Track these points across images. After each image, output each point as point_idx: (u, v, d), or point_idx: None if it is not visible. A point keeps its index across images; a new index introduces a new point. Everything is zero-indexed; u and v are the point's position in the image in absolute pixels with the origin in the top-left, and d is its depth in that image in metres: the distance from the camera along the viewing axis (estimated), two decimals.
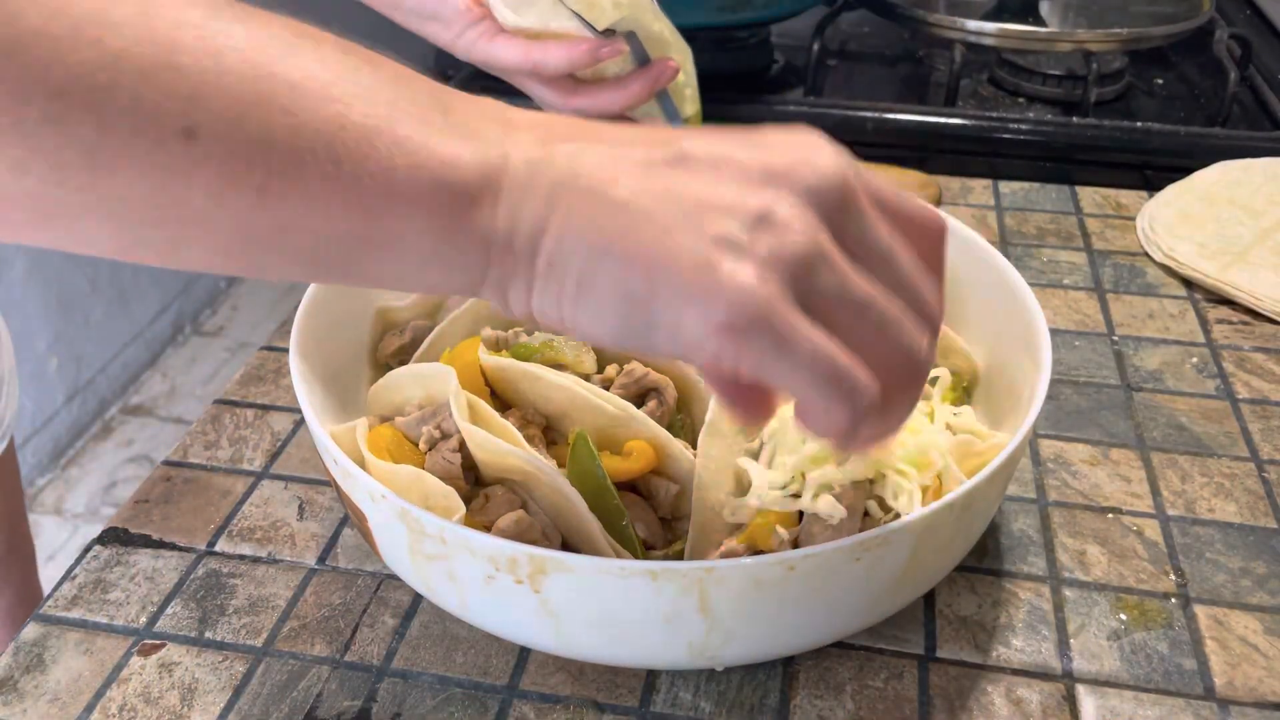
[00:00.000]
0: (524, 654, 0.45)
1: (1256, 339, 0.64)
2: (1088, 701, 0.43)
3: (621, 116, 0.61)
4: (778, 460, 0.44)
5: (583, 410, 0.47)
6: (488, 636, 0.45)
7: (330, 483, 0.46)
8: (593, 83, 0.61)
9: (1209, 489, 0.53)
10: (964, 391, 0.53)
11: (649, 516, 0.47)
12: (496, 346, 0.49)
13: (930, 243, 0.33)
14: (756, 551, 0.43)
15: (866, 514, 0.43)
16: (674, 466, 0.47)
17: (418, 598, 0.47)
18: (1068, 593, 0.48)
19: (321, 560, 0.49)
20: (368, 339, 0.55)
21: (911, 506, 0.42)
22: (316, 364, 0.49)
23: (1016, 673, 0.44)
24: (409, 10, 0.63)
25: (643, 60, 0.61)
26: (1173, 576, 0.49)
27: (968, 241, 0.54)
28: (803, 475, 0.43)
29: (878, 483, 0.43)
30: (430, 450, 0.46)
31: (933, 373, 0.50)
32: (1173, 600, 0.47)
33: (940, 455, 0.43)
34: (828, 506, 0.42)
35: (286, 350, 0.63)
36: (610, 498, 0.44)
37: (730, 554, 0.43)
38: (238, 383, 0.60)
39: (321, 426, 0.43)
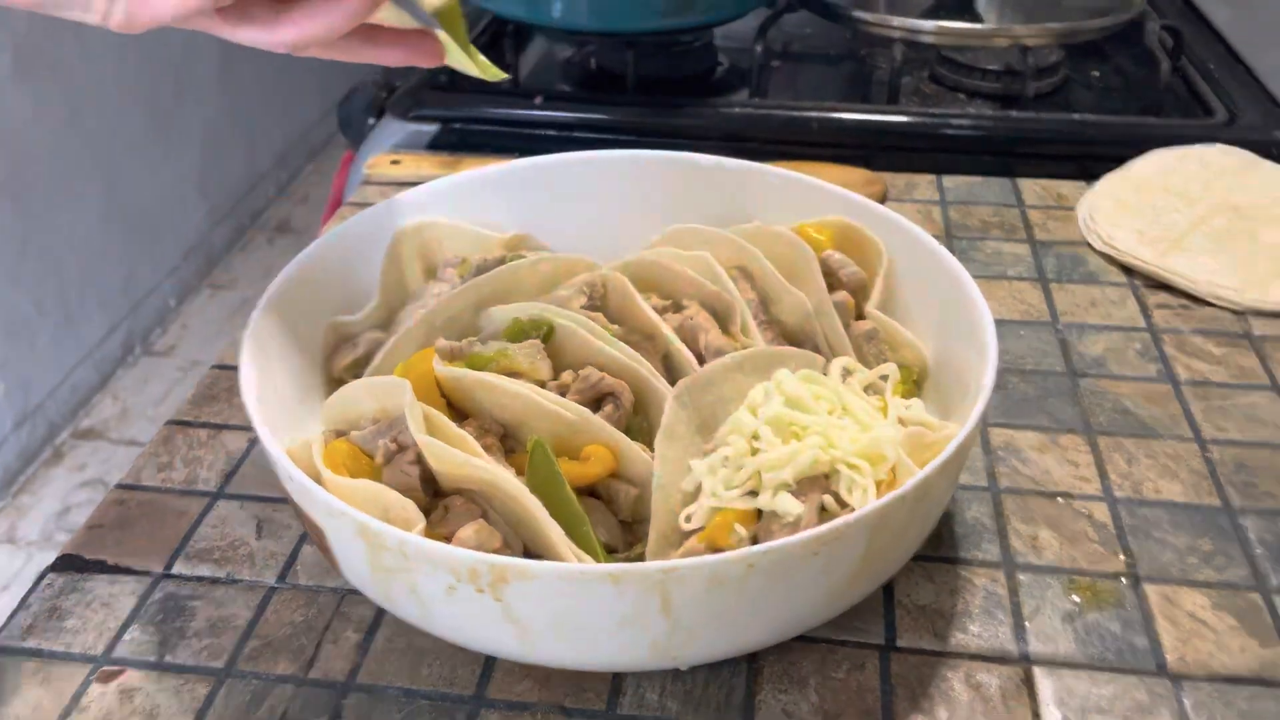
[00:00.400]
0: (490, 662, 0.45)
1: (1195, 322, 0.66)
2: (1045, 683, 0.44)
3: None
4: (731, 460, 0.44)
5: (539, 418, 0.47)
6: (453, 646, 0.46)
7: (287, 500, 0.46)
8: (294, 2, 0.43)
9: (1154, 470, 0.55)
10: (914, 384, 0.54)
11: (609, 520, 0.47)
12: (451, 357, 0.50)
13: None
14: (716, 550, 0.43)
15: (823, 509, 0.44)
16: (632, 470, 0.47)
17: (381, 611, 0.47)
18: (1022, 577, 0.49)
19: (281, 578, 0.49)
20: (320, 353, 0.55)
21: (866, 500, 0.43)
22: (268, 380, 0.48)
23: (975, 658, 0.45)
24: None
25: None
26: (1122, 557, 0.50)
27: (912, 236, 0.55)
28: (759, 474, 0.44)
29: (832, 478, 0.44)
30: (387, 464, 0.46)
31: (882, 368, 0.51)
32: (1123, 580, 0.49)
33: (893, 448, 0.44)
34: (786, 504, 0.42)
35: (235, 368, 0.63)
36: (570, 504, 0.44)
37: (690, 554, 0.43)
38: (190, 403, 0.60)
39: (276, 444, 0.43)
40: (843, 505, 0.44)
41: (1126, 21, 0.92)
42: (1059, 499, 0.53)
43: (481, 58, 0.51)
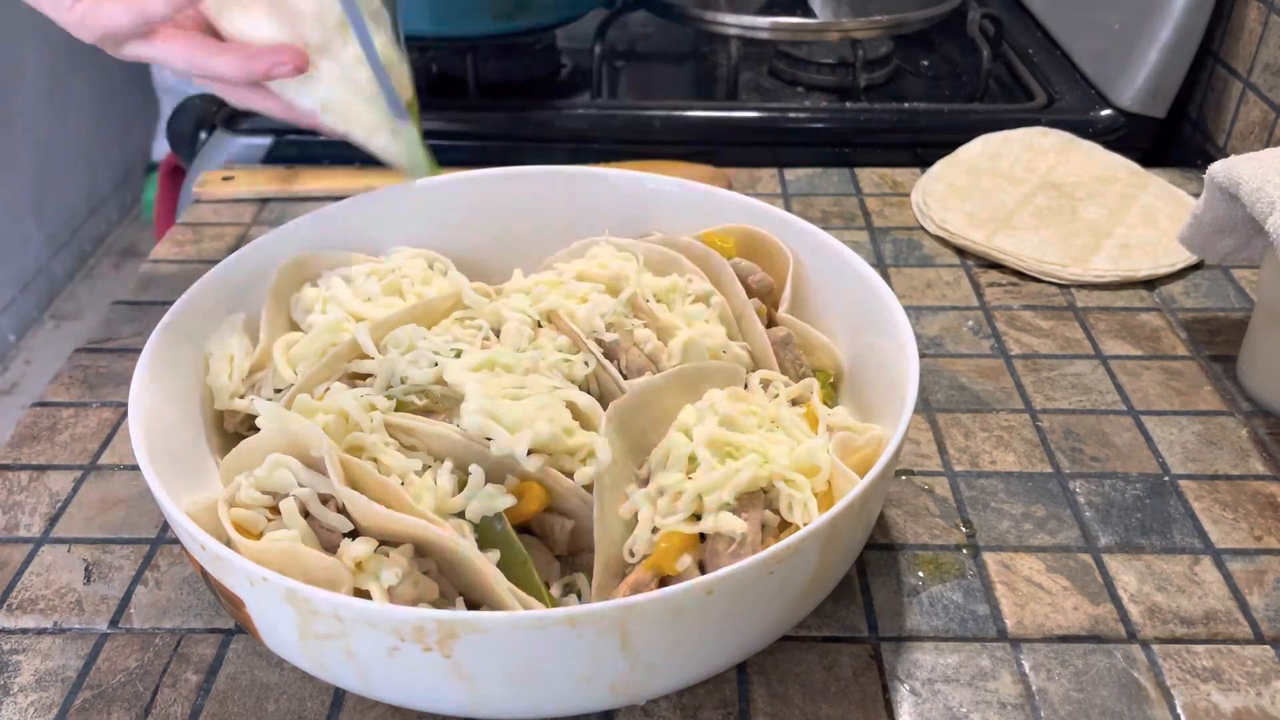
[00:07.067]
0: (340, 695, 0.44)
1: (1024, 298, 0.69)
2: (892, 658, 0.45)
3: None
4: (667, 487, 0.43)
5: (464, 457, 0.45)
6: (300, 680, 0.44)
7: (195, 569, 0.41)
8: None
9: (990, 442, 0.57)
10: (830, 387, 0.54)
11: (545, 557, 0.45)
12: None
13: None
14: (664, 578, 0.42)
15: (763, 525, 0.43)
16: (564, 503, 0.45)
17: (223, 649, 0.45)
18: (869, 556, 0.50)
19: (114, 623, 0.47)
20: (209, 408, 0.51)
21: (809, 514, 0.43)
22: (159, 440, 0.44)
23: (827, 640, 0.46)
24: None
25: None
26: (963, 529, 0.52)
27: (815, 238, 0.55)
28: (700, 497, 0.43)
29: (770, 493, 0.44)
30: (305, 519, 0.42)
31: (805, 382, 0.51)
32: (964, 551, 0.50)
33: (826, 457, 0.44)
34: (729, 522, 0.42)
35: (59, 404, 0.60)
36: (513, 548, 0.42)
37: (639, 584, 0.42)
38: (9, 445, 0.56)
39: (179, 510, 0.39)
40: (784, 523, 0.43)
41: (949, 11, 0.96)
42: (901, 477, 0.54)
43: (427, 152, 0.58)
